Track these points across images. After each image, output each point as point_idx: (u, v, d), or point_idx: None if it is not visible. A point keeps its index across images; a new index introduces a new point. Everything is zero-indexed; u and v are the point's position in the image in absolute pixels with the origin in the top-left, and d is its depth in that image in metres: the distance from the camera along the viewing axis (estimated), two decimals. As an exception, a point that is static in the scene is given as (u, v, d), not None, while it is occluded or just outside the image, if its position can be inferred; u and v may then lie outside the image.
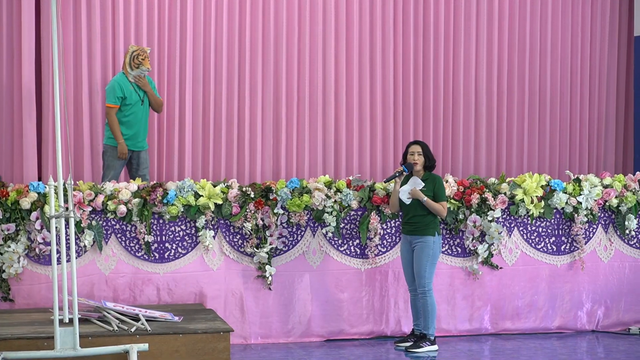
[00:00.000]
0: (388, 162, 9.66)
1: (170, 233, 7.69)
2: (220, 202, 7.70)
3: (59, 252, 6.29)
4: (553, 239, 8.34)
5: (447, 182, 8.05)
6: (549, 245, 8.32)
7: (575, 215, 8.29)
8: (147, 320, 6.70)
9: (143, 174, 8.49)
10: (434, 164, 7.68)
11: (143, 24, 9.02)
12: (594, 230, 8.42)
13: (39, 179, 8.60)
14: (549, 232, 8.33)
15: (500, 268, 8.20)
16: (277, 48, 9.39)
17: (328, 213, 7.86)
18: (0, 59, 8.76)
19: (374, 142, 9.64)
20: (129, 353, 6.25)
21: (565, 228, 8.36)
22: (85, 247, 7.50)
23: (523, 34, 10.00)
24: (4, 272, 7.38)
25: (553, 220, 8.33)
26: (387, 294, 8.04)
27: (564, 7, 10.14)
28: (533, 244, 8.29)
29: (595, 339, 8.20)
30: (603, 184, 8.43)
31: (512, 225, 8.24)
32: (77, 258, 7.42)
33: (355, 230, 7.99)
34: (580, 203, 8.27)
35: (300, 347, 7.70)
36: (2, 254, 7.37)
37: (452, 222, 8.09)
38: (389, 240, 8.05)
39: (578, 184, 8.33)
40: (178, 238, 7.70)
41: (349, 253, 7.99)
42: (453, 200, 8.03)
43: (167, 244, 7.69)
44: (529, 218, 8.25)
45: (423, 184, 7.54)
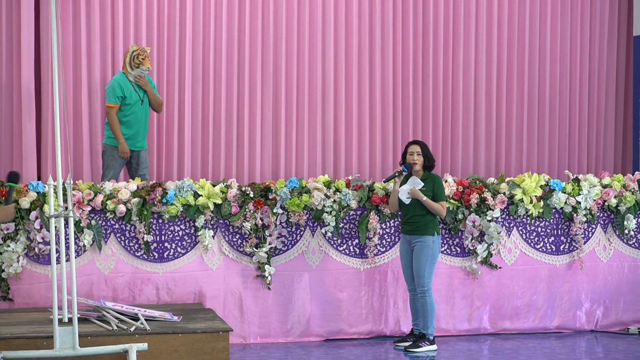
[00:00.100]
0: (387, 161, 9.65)
1: (170, 233, 7.69)
2: (220, 201, 7.70)
3: (59, 251, 6.28)
4: (552, 239, 8.34)
5: (446, 181, 8.04)
6: (548, 245, 8.32)
7: (574, 215, 8.29)
8: (146, 320, 6.70)
9: (142, 174, 8.48)
10: (433, 164, 7.69)
11: (143, 24, 9.02)
12: (593, 230, 8.42)
13: (39, 179, 8.60)
14: (548, 232, 8.33)
15: (500, 268, 8.20)
16: (276, 48, 9.38)
17: (327, 213, 7.86)
18: (0, 59, 8.77)
19: (373, 141, 9.63)
20: (128, 352, 6.25)
21: (564, 228, 8.36)
22: (85, 246, 7.50)
23: (522, 34, 9.99)
24: (4, 271, 7.38)
25: (552, 220, 8.33)
26: (386, 294, 8.04)
27: (564, 7, 10.12)
28: (532, 244, 8.29)
29: (594, 339, 8.20)
30: (602, 184, 8.43)
31: (511, 225, 8.24)
32: (76, 257, 7.42)
33: (355, 230, 7.99)
34: (579, 203, 8.27)
35: (300, 346, 7.70)
36: (1, 254, 7.37)
37: (451, 221, 8.09)
38: (388, 240, 8.05)
39: (577, 184, 8.33)
40: (177, 238, 7.70)
41: (348, 253, 7.99)
42: (452, 200, 8.03)
43: (166, 244, 7.69)
44: (528, 218, 8.25)
45: (422, 184, 7.54)
